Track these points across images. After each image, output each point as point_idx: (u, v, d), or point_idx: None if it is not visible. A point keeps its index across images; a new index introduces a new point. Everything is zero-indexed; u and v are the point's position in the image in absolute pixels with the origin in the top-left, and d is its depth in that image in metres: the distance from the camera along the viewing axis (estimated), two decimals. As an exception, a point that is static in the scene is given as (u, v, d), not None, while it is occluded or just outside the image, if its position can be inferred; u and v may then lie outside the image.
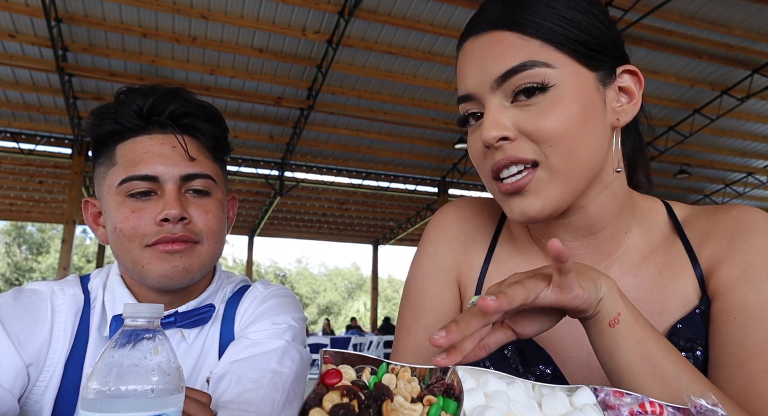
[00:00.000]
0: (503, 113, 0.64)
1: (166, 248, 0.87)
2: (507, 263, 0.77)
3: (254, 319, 0.93)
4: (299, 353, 0.89)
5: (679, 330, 0.66)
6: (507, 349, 0.71)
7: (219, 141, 0.94)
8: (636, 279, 0.71)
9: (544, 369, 0.68)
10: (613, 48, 0.69)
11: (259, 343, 0.87)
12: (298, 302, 1.02)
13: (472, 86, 0.67)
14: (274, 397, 0.79)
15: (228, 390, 0.78)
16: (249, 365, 0.82)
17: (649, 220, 0.74)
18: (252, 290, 1.01)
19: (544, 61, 0.63)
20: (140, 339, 0.50)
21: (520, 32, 0.65)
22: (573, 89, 0.64)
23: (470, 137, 0.70)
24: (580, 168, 0.64)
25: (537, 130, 0.63)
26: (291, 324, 0.93)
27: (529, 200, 0.64)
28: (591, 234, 0.71)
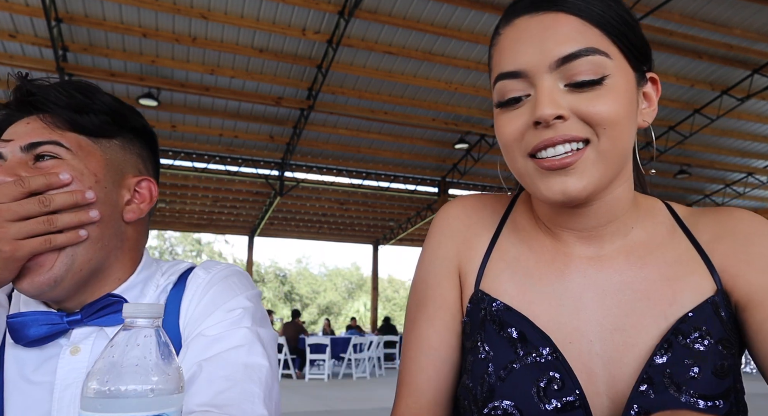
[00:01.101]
0: (558, 93, 0.65)
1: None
2: (509, 252, 0.78)
3: (203, 312, 0.84)
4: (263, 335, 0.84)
5: (690, 318, 0.67)
6: (509, 330, 0.71)
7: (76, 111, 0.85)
8: (643, 271, 0.72)
9: (542, 351, 0.69)
10: (648, 53, 0.72)
11: (220, 338, 0.80)
12: (247, 278, 0.94)
13: (524, 63, 0.66)
14: (253, 391, 0.76)
15: (201, 392, 0.73)
16: (218, 363, 0.77)
17: (653, 216, 0.76)
18: (193, 278, 0.90)
19: (603, 51, 0.65)
20: (140, 339, 0.50)
21: (582, 18, 0.65)
22: (622, 82, 0.66)
23: (504, 115, 0.70)
24: (621, 156, 0.67)
25: (592, 112, 0.64)
26: (245, 306, 0.85)
27: (572, 179, 0.65)
28: (600, 225, 0.73)
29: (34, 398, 0.79)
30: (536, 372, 0.67)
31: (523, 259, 0.77)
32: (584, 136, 0.64)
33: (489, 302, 0.74)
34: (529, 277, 0.75)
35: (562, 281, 0.73)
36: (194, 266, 0.94)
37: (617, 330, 0.69)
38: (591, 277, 0.73)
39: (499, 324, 0.72)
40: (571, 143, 0.64)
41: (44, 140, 0.81)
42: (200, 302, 0.86)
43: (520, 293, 0.74)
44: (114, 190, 0.85)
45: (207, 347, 0.79)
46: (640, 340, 0.68)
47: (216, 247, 36.37)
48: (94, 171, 0.83)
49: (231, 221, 15.56)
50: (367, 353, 11.33)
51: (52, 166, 0.80)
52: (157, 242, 33.58)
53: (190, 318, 0.85)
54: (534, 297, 0.73)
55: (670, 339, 0.66)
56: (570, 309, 0.71)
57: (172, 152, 10.70)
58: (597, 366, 0.68)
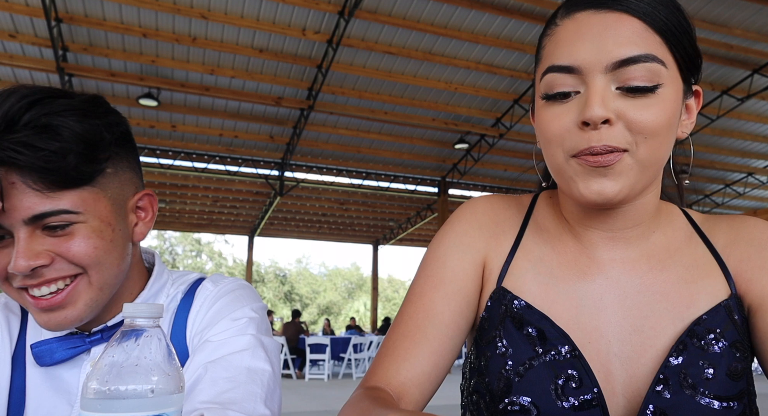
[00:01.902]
0: (609, 96, 0.64)
1: (42, 305, 0.76)
2: (533, 252, 0.78)
3: (210, 321, 0.86)
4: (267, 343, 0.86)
5: (704, 320, 0.68)
6: (528, 329, 0.71)
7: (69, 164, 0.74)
8: (663, 274, 0.73)
9: (561, 349, 0.69)
10: (699, 65, 0.73)
11: (225, 343, 0.82)
12: (253, 292, 0.95)
13: (580, 59, 0.65)
14: (255, 392, 0.77)
15: (204, 392, 0.75)
16: (222, 365, 0.79)
17: (672, 222, 0.78)
18: (201, 290, 0.91)
19: (661, 59, 0.65)
20: (140, 339, 0.50)
21: (645, 22, 0.65)
22: (672, 93, 0.66)
23: (550, 109, 0.69)
24: (656, 166, 0.68)
25: (638, 120, 0.64)
26: (251, 316, 0.87)
27: (610, 182, 0.65)
28: (626, 228, 0.74)
29: (56, 409, 0.82)
30: (555, 370, 0.68)
31: (546, 259, 0.77)
32: (624, 147, 0.64)
33: (511, 300, 0.74)
34: (552, 277, 0.75)
35: (584, 281, 0.74)
36: (203, 278, 0.96)
37: (636, 331, 0.70)
38: (613, 278, 0.73)
39: (519, 322, 0.72)
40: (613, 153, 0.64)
41: (48, 211, 0.74)
42: (207, 313, 0.88)
43: (543, 293, 0.74)
44: (124, 223, 0.84)
45: (212, 351, 0.81)
46: (658, 341, 0.69)
47: (216, 247, 36.37)
48: (108, 220, 0.80)
49: (231, 221, 15.57)
50: (367, 353, 11.33)
51: (69, 235, 0.76)
52: (157, 242, 33.58)
53: (197, 329, 0.87)
54: (556, 297, 0.74)
55: (685, 340, 0.67)
56: (590, 310, 0.72)
57: (172, 152, 10.70)
58: (614, 366, 0.69)
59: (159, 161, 10.86)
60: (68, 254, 0.76)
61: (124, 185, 0.83)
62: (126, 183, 0.84)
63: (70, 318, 0.78)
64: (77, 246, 0.76)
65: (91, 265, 0.78)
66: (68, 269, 0.77)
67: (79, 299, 0.78)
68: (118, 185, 0.82)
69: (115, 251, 0.81)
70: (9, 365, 0.84)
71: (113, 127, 0.81)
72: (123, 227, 0.83)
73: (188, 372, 0.79)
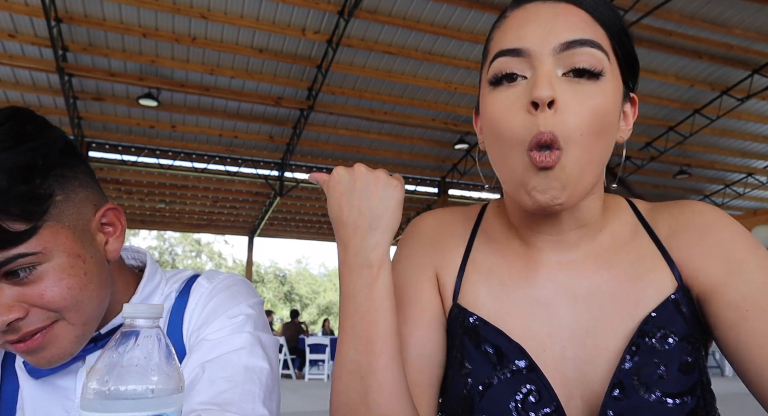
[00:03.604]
0: (556, 80, 0.65)
1: (21, 348, 0.71)
2: (484, 263, 0.78)
3: (206, 319, 0.84)
4: (265, 340, 0.85)
5: (653, 318, 0.68)
6: (485, 346, 0.71)
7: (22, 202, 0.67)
8: (610, 273, 0.72)
9: (518, 364, 0.69)
10: (637, 72, 0.74)
11: (222, 342, 0.80)
12: (249, 287, 0.92)
13: (529, 41, 0.66)
14: (253, 392, 0.76)
15: (203, 392, 0.74)
16: (219, 364, 0.77)
17: (618, 217, 0.77)
18: (196, 287, 0.89)
19: (606, 50, 0.66)
20: (140, 339, 0.50)
21: (592, 15, 0.67)
22: (613, 90, 0.67)
23: (496, 94, 0.68)
24: (592, 168, 0.67)
25: (580, 108, 0.64)
26: (248, 312, 0.86)
27: (553, 181, 0.64)
28: (571, 231, 0.73)
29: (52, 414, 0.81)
30: (514, 386, 0.68)
31: (496, 269, 0.77)
32: (562, 144, 0.63)
33: (466, 317, 0.74)
34: (504, 287, 0.75)
35: (534, 288, 0.74)
36: (198, 275, 0.94)
37: (589, 334, 0.70)
38: (561, 282, 0.73)
39: (476, 340, 0.72)
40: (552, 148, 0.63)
41: (6, 259, 0.67)
42: (203, 311, 0.86)
43: (497, 305, 0.74)
44: (93, 248, 0.76)
45: (209, 350, 0.80)
46: (611, 343, 0.68)
47: (216, 247, 36.37)
48: (75, 252, 0.73)
49: (231, 222, 15.56)
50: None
51: (38, 279, 0.69)
52: (157, 242, 33.59)
53: (193, 327, 0.86)
54: (509, 308, 0.73)
55: (638, 341, 0.66)
56: (542, 316, 0.72)
57: (172, 152, 10.70)
58: (570, 370, 0.69)
59: (159, 161, 10.86)
60: (41, 301, 0.69)
61: (81, 207, 0.75)
62: (82, 204, 0.75)
63: (58, 355, 0.74)
64: (50, 291, 0.70)
65: (68, 307, 0.72)
66: (45, 318, 0.71)
67: (57, 340, 0.73)
68: (74, 210, 0.74)
69: (92, 283, 0.74)
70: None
71: (49, 146, 0.71)
72: (93, 252, 0.76)
73: (185, 372, 0.78)
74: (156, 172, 11.54)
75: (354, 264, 0.69)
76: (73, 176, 0.75)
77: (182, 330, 0.86)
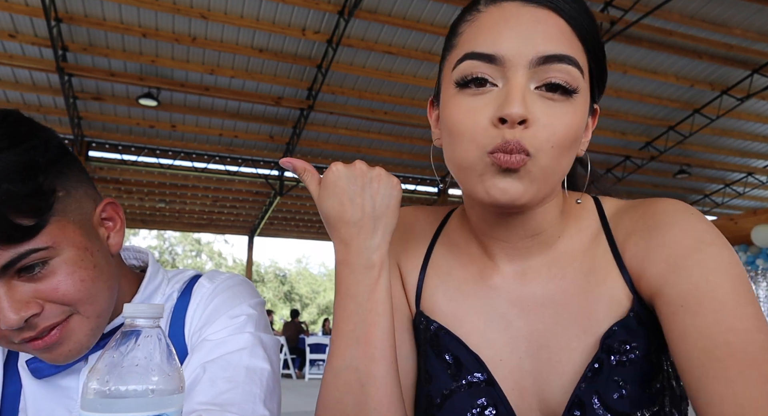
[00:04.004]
0: (529, 95, 0.61)
1: (38, 345, 0.72)
2: (442, 266, 0.77)
3: (208, 319, 0.85)
4: (266, 341, 0.85)
5: (615, 332, 0.65)
6: (446, 356, 0.71)
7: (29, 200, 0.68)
8: (562, 283, 0.70)
9: (476, 375, 0.68)
10: (604, 85, 0.71)
11: (223, 342, 0.81)
12: (251, 287, 0.93)
13: (505, 49, 0.61)
14: (254, 392, 0.77)
15: (203, 392, 0.74)
16: (220, 365, 0.78)
17: (580, 221, 0.73)
18: (198, 288, 0.89)
19: (581, 67, 0.63)
20: (140, 339, 0.50)
21: (572, 27, 0.63)
22: (584, 106, 0.65)
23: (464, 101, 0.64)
24: (557, 176, 0.65)
25: (549, 127, 0.61)
26: (249, 313, 0.86)
27: (516, 184, 0.62)
28: (528, 237, 0.71)
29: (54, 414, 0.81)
30: (471, 399, 0.67)
31: (454, 273, 0.76)
32: (531, 151, 0.61)
33: (427, 324, 0.73)
34: (460, 292, 0.74)
35: (489, 297, 0.72)
36: (199, 275, 0.94)
37: (543, 347, 0.68)
38: (515, 292, 0.71)
39: (437, 348, 0.71)
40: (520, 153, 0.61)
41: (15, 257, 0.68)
42: (205, 311, 0.86)
43: (453, 310, 0.73)
44: (98, 242, 0.78)
45: (210, 350, 0.80)
46: (564, 357, 0.66)
47: (216, 247, 36.35)
48: (83, 245, 0.74)
49: (231, 221, 15.56)
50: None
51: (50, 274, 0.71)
52: (157, 242, 33.57)
53: (195, 327, 0.86)
54: (465, 313, 0.72)
55: (601, 357, 0.64)
56: (498, 325, 0.71)
57: (172, 152, 10.70)
58: (528, 382, 0.67)
59: (159, 161, 10.85)
60: (56, 295, 0.71)
61: (82, 202, 0.77)
62: (83, 199, 0.77)
63: (76, 348, 0.75)
64: (64, 284, 0.71)
65: (82, 300, 0.73)
66: (60, 313, 0.72)
67: (74, 333, 0.74)
68: (77, 205, 0.76)
69: (103, 275, 0.76)
70: (1, 371, 0.83)
71: (46, 145, 0.73)
72: (99, 246, 0.77)
73: (186, 372, 0.79)
74: (156, 171, 11.53)
75: (356, 265, 0.67)
76: (71, 173, 0.76)
77: (184, 330, 0.86)
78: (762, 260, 7.97)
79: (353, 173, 0.68)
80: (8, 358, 0.85)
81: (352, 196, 0.67)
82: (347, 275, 0.68)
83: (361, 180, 0.68)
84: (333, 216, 0.68)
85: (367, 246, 0.68)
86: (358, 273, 0.68)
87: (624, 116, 9.82)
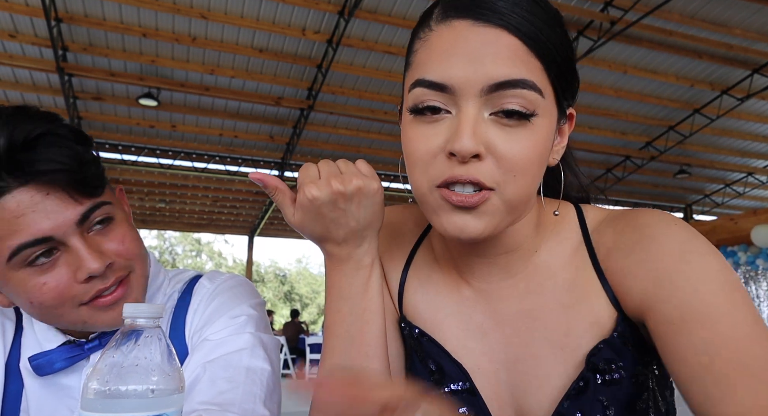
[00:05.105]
0: (481, 125, 0.58)
1: (106, 301, 0.77)
2: (423, 269, 0.77)
3: (208, 319, 0.86)
4: (266, 341, 0.85)
5: (600, 350, 0.63)
6: (429, 363, 0.70)
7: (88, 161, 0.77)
8: (541, 298, 0.68)
9: (458, 384, 0.68)
10: (576, 90, 0.67)
11: (223, 342, 0.81)
12: (251, 288, 0.95)
13: (455, 78, 0.58)
14: (254, 392, 0.77)
15: (203, 392, 0.75)
16: (220, 365, 0.78)
17: (560, 233, 0.70)
18: (199, 288, 0.91)
19: (540, 87, 0.59)
20: (140, 339, 0.50)
21: (527, 45, 0.58)
22: (547, 125, 0.61)
23: (418, 128, 0.61)
24: (524, 202, 0.62)
25: (508, 156, 0.58)
26: (249, 313, 0.87)
27: (474, 221, 0.60)
28: (502, 254, 0.69)
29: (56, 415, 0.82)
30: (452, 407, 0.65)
31: (434, 277, 0.75)
32: (490, 185, 0.59)
33: (411, 329, 0.73)
34: (439, 297, 0.73)
35: (465, 305, 0.72)
36: (200, 275, 0.95)
37: (519, 361, 0.67)
38: (491, 305, 0.70)
39: (421, 355, 0.71)
40: (480, 188, 0.59)
41: (91, 207, 0.75)
42: (205, 311, 0.87)
43: (432, 315, 0.73)
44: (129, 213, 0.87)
45: (211, 350, 0.81)
46: (542, 371, 0.65)
47: (216, 247, 36.34)
48: (127, 211, 0.85)
49: (231, 221, 15.55)
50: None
51: (115, 228, 0.79)
52: (157, 242, 33.55)
53: (195, 327, 0.87)
54: (444, 319, 0.72)
55: (587, 376, 0.62)
56: (475, 334, 0.70)
57: (172, 152, 10.69)
58: (506, 393, 0.67)
59: (159, 161, 10.85)
60: (122, 247, 0.78)
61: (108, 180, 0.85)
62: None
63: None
64: (128, 238, 0.80)
65: (139, 256, 0.81)
66: (124, 267, 0.79)
67: (133, 290, 0.81)
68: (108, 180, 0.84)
69: (143, 241, 0.84)
70: (3, 371, 0.84)
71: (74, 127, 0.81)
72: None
73: (187, 371, 0.79)
74: (156, 171, 11.53)
75: (347, 268, 0.68)
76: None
77: (184, 330, 0.87)
78: (762, 260, 7.97)
79: (332, 199, 0.64)
80: (10, 358, 0.85)
81: (335, 219, 0.66)
82: (339, 279, 0.68)
83: (343, 203, 0.65)
84: (318, 237, 0.68)
85: (356, 253, 0.68)
86: (350, 276, 0.68)
87: (624, 116, 9.82)
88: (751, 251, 8.23)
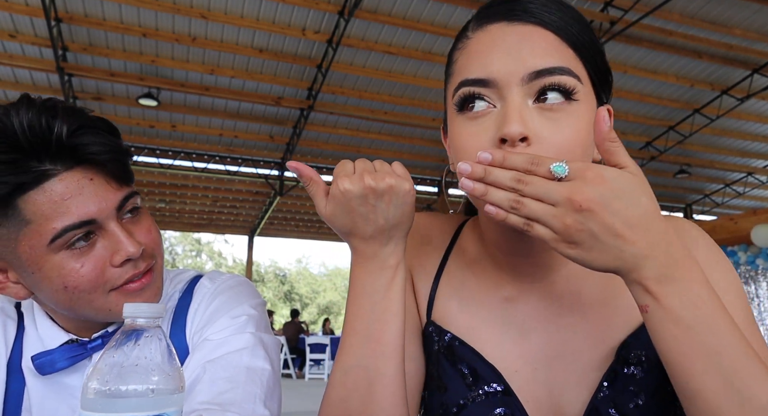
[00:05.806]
0: (527, 111, 0.61)
1: (135, 287, 0.79)
2: (456, 276, 0.77)
3: (209, 319, 0.86)
4: (267, 341, 0.85)
5: (630, 343, 0.66)
6: (461, 366, 0.71)
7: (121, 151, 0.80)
8: (582, 296, 0.71)
9: (493, 386, 0.68)
10: (610, 83, 0.70)
11: (224, 342, 0.82)
12: (252, 288, 0.95)
13: (496, 72, 0.62)
14: (254, 392, 0.77)
15: (204, 392, 0.75)
16: (221, 365, 0.78)
17: None
18: (199, 288, 0.92)
19: (576, 74, 0.62)
20: (140, 339, 0.50)
21: (559, 36, 0.63)
22: (587, 110, 0.64)
23: (466, 124, 0.65)
24: None
25: (553, 141, 0.61)
26: (250, 313, 0.87)
27: None
28: (544, 251, 0.71)
29: (58, 414, 0.82)
30: (488, 408, 0.67)
31: (468, 284, 0.76)
32: None
33: (441, 334, 0.73)
34: (475, 303, 0.74)
35: (505, 308, 0.72)
36: (201, 275, 0.95)
37: (559, 357, 0.68)
38: (533, 303, 0.72)
39: (452, 358, 0.71)
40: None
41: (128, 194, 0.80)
42: (206, 311, 0.87)
43: (468, 321, 0.73)
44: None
45: (211, 350, 0.81)
46: (579, 367, 0.67)
47: (216, 247, 36.36)
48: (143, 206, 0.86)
49: (231, 221, 15.56)
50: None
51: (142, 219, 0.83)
52: (157, 242, 33.51)
53: (196, 327, 0.87)
54: (479, 324, 0.72)
55: (616, 368, 0.65)
56: (514, 336, 0.71)
57: (172, 152, 10.69)
58: (543, 393, 0.68)
59: (159, 161, 10.85)
60: (149, 237, 0.82)
61: None
62: None
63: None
64: (153, 228, 0.83)
65: (160, 247, 0.85)
66: (150, 256, 0.82)
67: (158, 277, 0.84)
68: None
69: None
70: (5, 370, 0.84)
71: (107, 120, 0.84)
72: None
73: (187, 371, 0.79)
74: (156, 171, 11.53)
75: (372, 267, 0.68)
76: None
77: (185, 330, 0.87)
78: (762, 260, 7.97)
79: (363, 193, 0.65)
80: (11, 357, 0.85)
81: (364, 214, 0.66)
82: (362, 277, 0.68)
83: (373, 198, 0.65)
84: (346, 232, 0.68)
85: (382, 252, 0.68)
86: (375, 274, 0.68)
87: (624, 116, 9.82)
88: (751, 251, 8.23)
